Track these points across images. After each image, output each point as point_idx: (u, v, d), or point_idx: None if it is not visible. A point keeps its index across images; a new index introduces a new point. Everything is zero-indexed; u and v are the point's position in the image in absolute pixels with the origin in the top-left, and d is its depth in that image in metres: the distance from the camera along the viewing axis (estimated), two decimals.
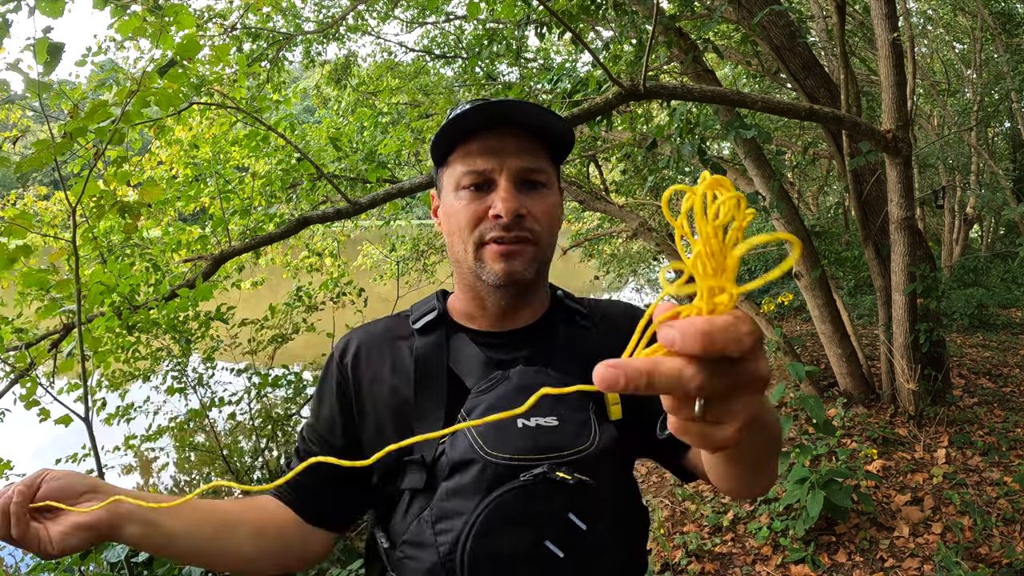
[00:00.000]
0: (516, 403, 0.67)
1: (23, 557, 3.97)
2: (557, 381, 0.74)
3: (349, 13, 7.43)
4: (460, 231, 0.81)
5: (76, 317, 1.97)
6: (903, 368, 3.65)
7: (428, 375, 0.81)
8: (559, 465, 0.71)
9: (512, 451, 0.72)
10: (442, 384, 0.80)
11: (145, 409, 4.97)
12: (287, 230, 3.25)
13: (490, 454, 0.71)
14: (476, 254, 0.80)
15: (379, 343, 0.87)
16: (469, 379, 0.80)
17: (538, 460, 0.71)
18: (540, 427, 0.73)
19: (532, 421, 0.73)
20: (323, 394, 0.87)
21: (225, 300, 4.40)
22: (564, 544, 0.71)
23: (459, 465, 0.72)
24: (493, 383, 0.77)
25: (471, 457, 0.72)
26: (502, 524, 0.70)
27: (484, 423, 0.67)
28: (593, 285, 13.12)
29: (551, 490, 0.71)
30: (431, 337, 0.84)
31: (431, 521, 0.72)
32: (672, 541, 3.12)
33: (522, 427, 0.73)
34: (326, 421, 0.86)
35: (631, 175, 7.86)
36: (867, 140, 3.14)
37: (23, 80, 1.91)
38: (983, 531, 2.78)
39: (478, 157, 0.80)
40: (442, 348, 0.83)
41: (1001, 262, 9.20)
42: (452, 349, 0.83)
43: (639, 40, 3.57)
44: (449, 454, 0.73)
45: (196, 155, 5.12)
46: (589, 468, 0.73)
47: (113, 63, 4.64)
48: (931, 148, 8.04)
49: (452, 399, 0.79)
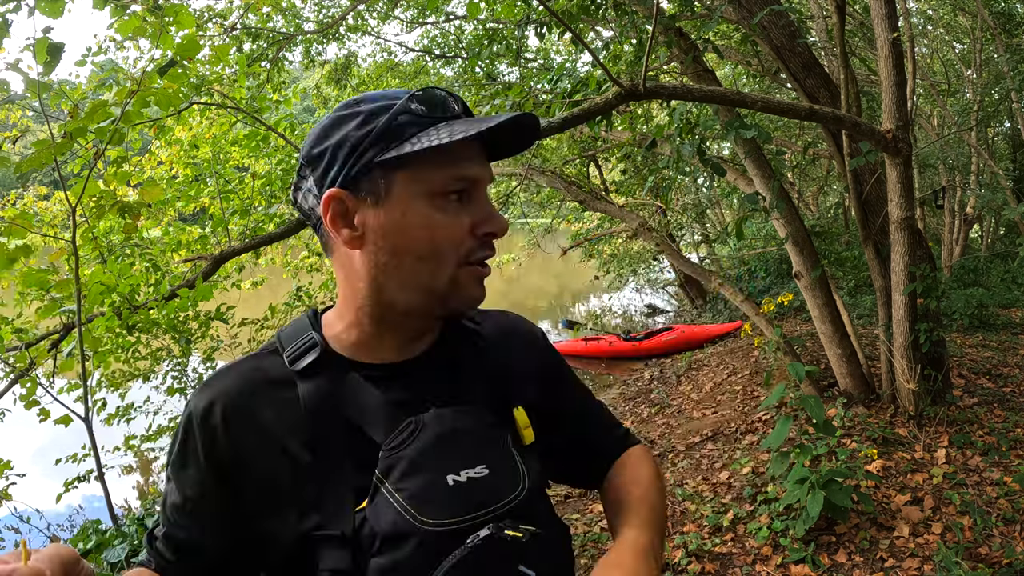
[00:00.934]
0: (443, 455, 0.66)
1: None
2: (475, 422, 0.70)
3: (349, 13, 7.43)
4: (436, 250, 0.67)
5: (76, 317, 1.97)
6: (903, 368, 3.65)
7: (324, 431, 0.67)
8: (500, 519, 0.65)
9: (450, 515, 0.63)
10: (342, 440, 0.67)
11: (145, 409, 4.98)
12: (287, 230, 3.25)
13: (426, 523, 0.62)
14: (453, 276, 0.68)
15: (251, 394, 0.69)
16: (374, 430, 0.67)
17: (478, 519, 0.64)
18: (472, 479, 0.66)
19: (463, 475, 0.65)
20: (186, 465, 0.69)
21: (225, 300, 4.40)
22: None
23: (390, 539, 0.62)
24: (407, 435, 0.66)
25: (404, 530, 0.62)
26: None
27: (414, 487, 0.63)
28: (593, 285, 13.13)
29: (500, 550, 0.64)
30: (317, 381, 0.69)
31: None
32: (672, 541, 3.13)
33: (454, 484, 0.65)
34: (195, 499, 0.69)
35: (631, 175, 7.87)
36: (867, 140, 3.14)
37: (23, 80, 1.92)
38: (983, 531, 2.78)
39: (472, 162, 0.68)
40: (337, 396, 0.68)
41: (1001, 262, 9.20)
42: (346, 394, 0.69)
43: (639, 40, 3.57)
44: (375, 526, 0.62)
45: (196, 155, 5.13)
46: (527, 512, 0.68)
47: (113, 63, 4.64)
48: (931, 148, 8.05)
49: (358, 458, 0.66)
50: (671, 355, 8.19)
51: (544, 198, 8.95)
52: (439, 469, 0.65)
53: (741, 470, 3.76)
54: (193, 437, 0.69)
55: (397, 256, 0.67)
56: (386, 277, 0.68)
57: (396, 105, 0.66)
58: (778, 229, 4.30)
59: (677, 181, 8.14)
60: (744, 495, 3.42)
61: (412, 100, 0.66)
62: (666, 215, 9.45)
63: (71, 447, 4.26)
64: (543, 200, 9.12)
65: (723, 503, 3.40)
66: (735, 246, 9.50)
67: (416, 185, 0.66)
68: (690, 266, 5.61)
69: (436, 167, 0.66)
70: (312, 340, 0.71)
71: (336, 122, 0.67)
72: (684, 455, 4.39)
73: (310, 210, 0.71)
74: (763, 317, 4.51)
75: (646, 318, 12.02)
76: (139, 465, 6.40)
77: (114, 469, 5.75)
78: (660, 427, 5.23)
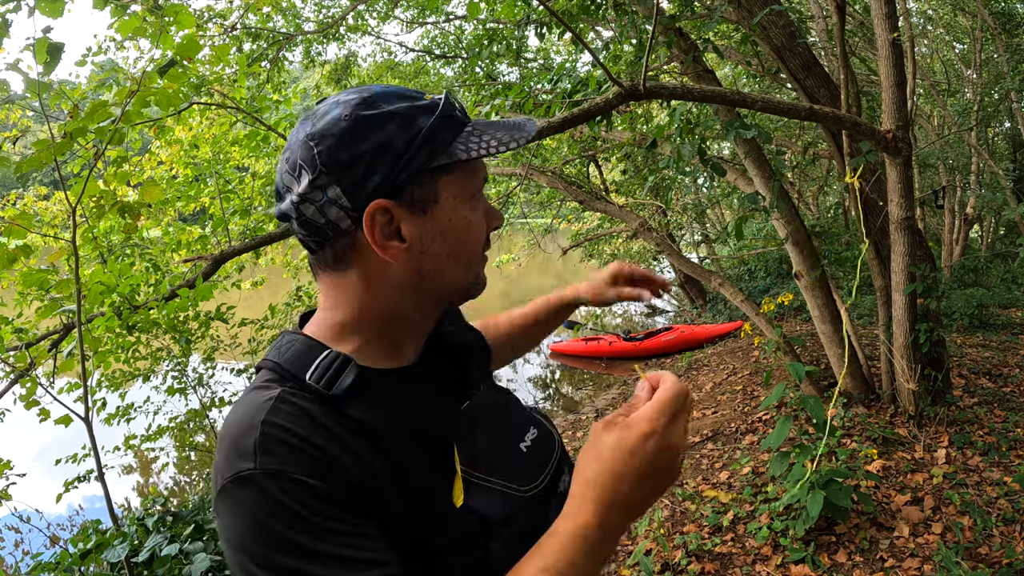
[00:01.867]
0: (504, 431, 0.72)
1: (23, 557, 3.97)
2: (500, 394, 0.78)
3: (349, 13, 7.43)
4: (473, 250, 0.69)
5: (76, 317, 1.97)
6: (903, 368, 3.65)
7: (396, 445, 0.62)
8: (561, 464, 0.74)
9: (535, 477, 0.70)
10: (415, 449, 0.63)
11: (145, 409, 4.98)
12: (287, 230, 3.24)
13: (524, 491, 0.68)
14: (479, 273, 0.72)
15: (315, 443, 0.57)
16: (436, 429, 0.66)
17: (552, 470, 0.72)
18: (534, 441, 0.73)
19: (527, 440, 0.72)
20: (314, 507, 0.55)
21: (225, 300, 4.40)
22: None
23: (502, 520, 0.64)
24: (467, 424, 0.69)
25: (512, 505, 0.65)
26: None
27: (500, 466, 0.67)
28: None
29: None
30: (367, 399, 0.62)
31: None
32: (672, 541, 3.12)
33: (526, 450, 0.71)
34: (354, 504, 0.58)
35: (631, 175, 7.87)
36: (867, 140, 3.14)
37: (23, 80, 1.92)
38: (983, 531, 2.78)
39: (481, 163, 0.71)
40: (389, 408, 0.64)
41: (1001, 262, 9.20)
42: (397, 404, 0.65)
43: (639, 40, 3.57)
44: (487, 513, 0.63)
45: (196, 155, 5.13)
46: (565, 453, 0.78)
47: (113, 63, 4.64)
48: (931, 148, 8.04)
49: (437, 462, 0.64)
50: (671, 355, 8.19)
51: (544, 198, 8.95)
52: (509, 443, 0.71)
53: (741, 470, 3.76)
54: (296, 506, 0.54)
55: (439, 261, 0.66)
56: (426, 283, 0.67)
57: (435, 106, 0.65)
58: (778, 229, 4.30)
59: (677, 181, 8.14)
60: (744, 495, 3.42)
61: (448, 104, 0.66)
62: (666, 215, 9.45)
63: (72, 447, 4.26)
64: (543, 200, 9.11)
65: (723, 503, 3.40)
66: (735, 246, 9.50)
67: (459, 190, 0.66)
68: (690, 266, 5.60)
69: (471, 172, 0.68)
70: (340, 358, 0.63)
71: (363, 124, 0.62)
72: (684, 455, 4.39)
73: (327, 224, 0.64)
74: (763, 317, 4.51)
75: (646, 318, 12.02)
76: (139, 465, 6.41)
77: (114, 469, 5.75)
78: None
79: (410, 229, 0.64)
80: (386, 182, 0.62)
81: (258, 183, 5.16)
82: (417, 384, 0.69)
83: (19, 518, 3.92)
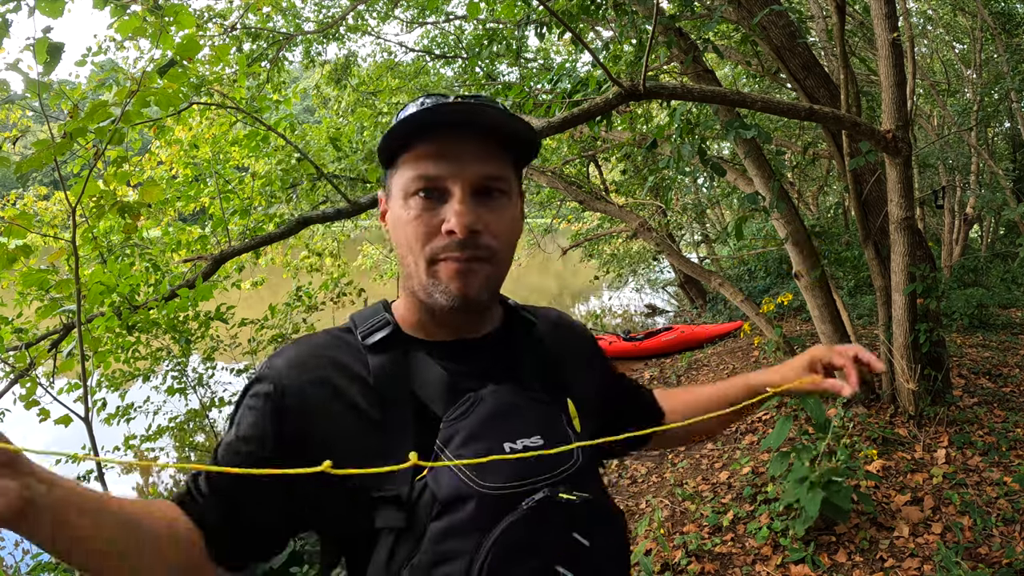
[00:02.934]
0: (500, 426, 0.71)
1: (23, 557, 3.97)
2: (529, 399, 0.75)
3: (349, 13, 7.43)
4: (410, 245, 0.73)
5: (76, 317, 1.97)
6: (903, 368, 3.65)
7: (390, 401, 0.72)
8: (555, 485, 0.69)
9: (506, 479, 0.66)
10: (405, 411, 0.71)
11: (145, 409, 4.98)
12: (287, 230, 3.25)
13: (484, 486, 0.65)
14: (429, 271, 0.72)
15: (327, 360, 0.74)
16: (436, 405, 0.72)
17: (535, 484, 0.68)
18: (528, 449, 0.69)
19: (519, 443, 0.69)
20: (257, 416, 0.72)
21: (225, 300, 4.40)
22: (572, 564, 0.68)
23: (450, 503, 0.65)
24: (466, 408, 0.71)
25: (464, 493, 0.65)
26: (512, 557, 0.65)
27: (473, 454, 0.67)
28: (593, 285, 13.13)
29: (554, 513, 0.67)
30: (388, 356, 0.74)
31: (426, 567, 0.64)
32: (672, 541, 3.12)
33: (511, 452, 0.68)
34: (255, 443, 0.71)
35: (631, 175, 7.87)
36: (867, 140, 3.14)
37: (23, 80, 1.92)
38: (983, 531, 2.78)
39: (431, 161, 0.71)
40: (403, 370, 0.74)
41: (1001, 262, 9.20)
42: (411, 369, 0.74)
43: (639, 40, 3.57)
44: (436, 491, 0.66)
45: (196, 155, 5.13)
46: (579, 482, 0.71)
47: (113, 63, 4.64)
48: (931, 148, 8.04)
49: (420, 428, 0.70)
50: (671, 355, 8.18)
51: (544, 198, 8.94)
52: (496, 438, 0.69)
53: (741, 470, 3.76)
54: (266, 392, 0.72)
55: (396, 245, 0.77)
56: (400, 262, 0.77)
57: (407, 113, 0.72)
58: (778, 229, 4.30)
59: (677, 181, 8.14)
60: (744, 495, 3.42)
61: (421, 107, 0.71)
62: (666, 215, 9.45)
63: (72, 447, 4.25)
64: (543, 200, 9.11)
65: (723, 503, 3.40)
66: (735, 246, 9.50)
67: (396, 186, 0.75)
68: (690, 266, 5.60)
69: (409, 168, 0.73)
70: (384, 320, 0.77)
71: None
72: (684, 455, 4.39)
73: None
74: (763, 317, 4.51)
75: (646, 318, 12.03)
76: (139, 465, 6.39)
77: (114, 469, 5.75)
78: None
79: (385, 207, 0.80)
80: (384, 175, 0.79)
81: (258, 183, 5.16)
82: (446, 361, 0.76)
83: None
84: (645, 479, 4.19)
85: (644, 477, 4.23)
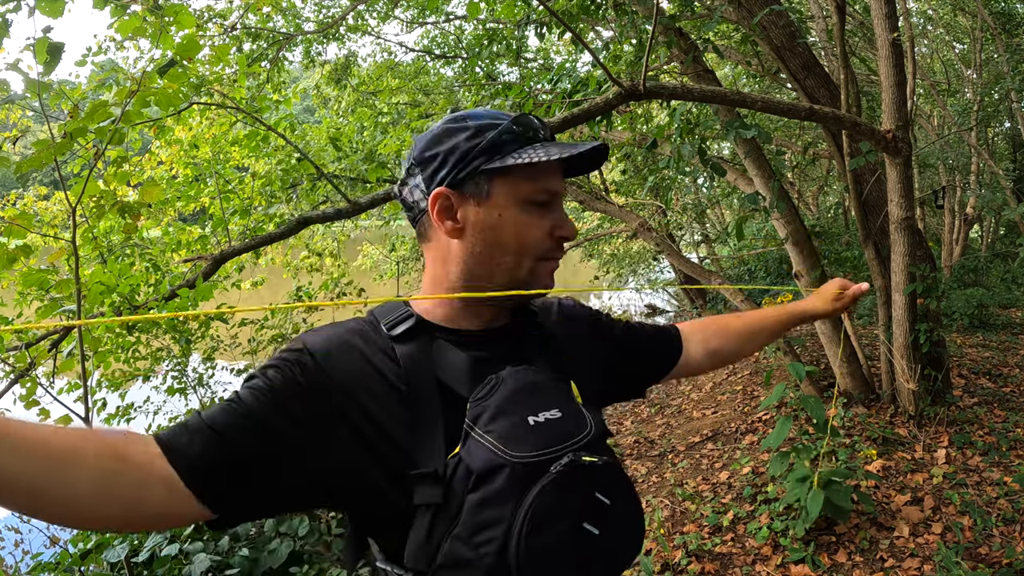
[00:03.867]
0: (522, 402, 0.77)
1: (23, 557, 3.97)
2: (545, 377, 0.82)
3: (349, 13, 7.43)
4: (522, 246, 0.82)
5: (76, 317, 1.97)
6: (903, 368, 3.65)
7: (418, 386, 0.78)
8: (577, 451, 0.75)
9: (533, 448, 0.73)
10: (434, 395, 0.77)
11: (145, 409, 4.97)
12: (287, 230, 3.25)
13: (516, 456, 0.71)
14: (532, 268, 0.83)
15: (360, 342, 0.79)
16: (460, 386, 0.78)
17: (559, 451, 0.74)
18: (549, 420, 0.76)
19: (541, 416, 0.76)
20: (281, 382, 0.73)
21: (225, 300, 4.40)
22: (598, 522, 0.75)
23: (484, 474, 0.71)
24: (490, 388, 0.77)
25: (497, 463, 0.71)
26: (546, 519, 0.71)
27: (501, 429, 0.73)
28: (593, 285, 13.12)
29: (580, 475, 0.74)
30: (413, 345, 0.80)
31: (466, 537, 0.69)
32: (672, 541, 3.13)
33: (534, 424, 0.75)
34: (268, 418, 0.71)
35: (631, 175, 7.86)
36: (867, 140, 3.14)
37: (23, 80, 1.92)
38: (983, 531, 2.78)
39: (553, 178, 0.84)
40: (428, 356, 0.80)
41: (1001, 262, 9.19)
42: (436, 356, 0.81)
43: (639, 40, 3.57)
44: (470, 465, 0.71)
45: (196, 155, 5.12)
46: (597, 448, 0.79)
47: (113, 63, 4.64)
48: (931, 148, 8.04)
49: (448, 409, 0.76)
50: None
51: None
52: (521, 412, 0.75)
53: (741, 470, 3.76)
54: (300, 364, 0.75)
55: (490, 248, 0.82)
56: (477, 264, 0.82)
57: (502, 124, 0.80)
58: (778, 229, 4.30)
59: (677, 181, 8.13)
60: (744, 495, 3.42)
61: (515, 123, 0.81)
62: (666, 215, 9.45)
63: None
64: None
65: (723, 503, 3.40)
66: (735, 246, 9.50)
67: (512, 192, 0.81)
68: (690, 266, 5.60)
69: (528, 179, 0.81)
70: (408, 312, 0.84)
71: (447, 132, 0.81)
72: (684, 455, 4.39)
73: (414, 203, 0.85)
74: None
75: (646, 318, 12.02)
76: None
77: None
78: (660, 427, 5.23)
79: (464, 214, 0.81)
80: (450, 175, 0.81)
81: (258, 183, 5.16)
82: (468, 348, 0.82)
83: (19, 518, 3.91)
84: (645, 479, 4.19)
85: (644, 477, 4.23)
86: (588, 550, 0.74)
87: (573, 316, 1.02)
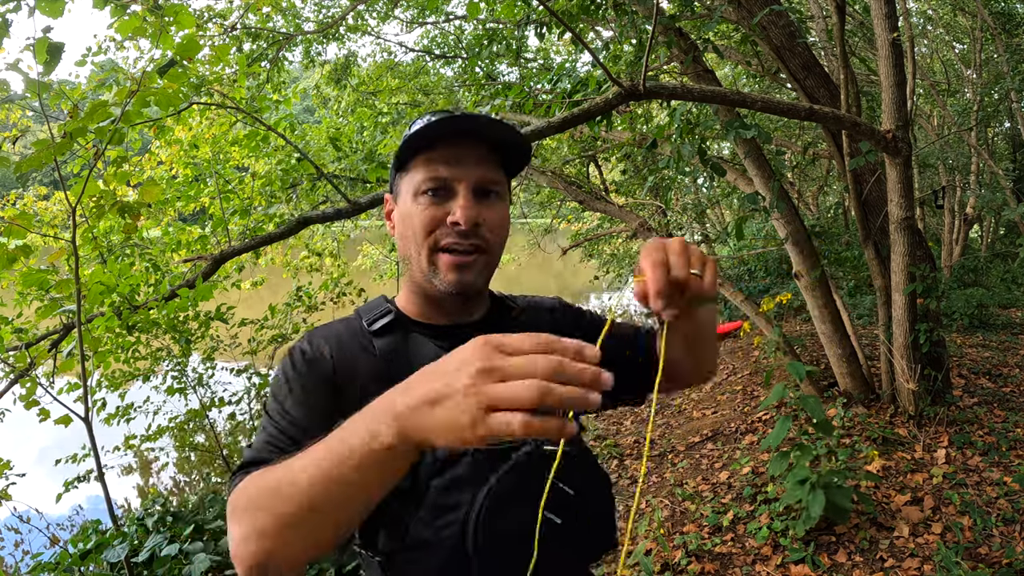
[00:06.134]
0: None
1: (23, 557, 3.97)
2: None
3: (349, 13, 7.43)
4: (415, 235, 0.84)
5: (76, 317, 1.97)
6: (903, 368, 3.65)
7: (395, 376, 0.78)
8: (541, 441, 0.76)
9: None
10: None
11: (145, 409, 4.97)
12: (287, 230, 3.25)
13: None
14: (429, 259, 0.84)
15: (347, 343, 0.87)
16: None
17: (522, 440, 0.74)
18: None
19: None
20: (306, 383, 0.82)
21: (225, 300, 4.40)
22: (559, 511, 0.76)
23: (448, 460, 0.74)
24: None
25: (460, 449, 0.73)
26: (505, 505, 0.73)
27: None
28: (593, 285, 13.12)
29: (541, 464, 0.75)
30: (390, 338, 0.87)
31: (429, 520, 0.73)
32: (672, 541, 3.12)
33: None
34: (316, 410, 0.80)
35: (631, 175, 7.87)
36: (867, 140, 3.14)
37: (23, 80, 1.92)
38: (983, 531, 2.78)
39: (441, 165, 0.83)
40: (404, 348, 0.86)
41: (1001, 262, 9.19)
42: (411, 349, 0.86)
43: (639, 40, 3.57)
44: (435, 451, 0.73)
45: (196, 155, 5.12)
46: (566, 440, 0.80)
47: (113, 63, 4.64)
48: (931, 148, 8.04)
49: None
50: None
51: (544, 198, 8.94)
52: None
53: (741, 470, 3.76)
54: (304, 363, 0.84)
55: (401, 241, 0.88)
56: (401, 258, 0.89)
57: (411, 127, 0.83)
58: (778, 229, 4.30)
59: (677, 181, 8.13)
60: (744, 495, 3.42)
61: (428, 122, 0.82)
62: (666, 215, 9.45)
63: (72, 447, 4.26)
64: (543, 200, 9.11)
65: (723, 503, 3.40)
66: (735, 246, 9.50)
67: (409, 184, 0.86)
68: None
69: (420, 171, 0.84)
70: (387, 308, 0.91)
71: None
72: (684, 455, 4.39)
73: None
74: (763, 317, 4.51)
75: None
76: (139, 465, 6.40)
77: (114, 469, 5.75)
78: (660, 427, 5.23)
79: (391, 207, 0.92)
80: (391, 179, 0.91)
81: (258, 183, 5.16)
82: (438, 339, 0.87)
83: (19, 518, 3.91)
84: (644, 479, 4.19)
85: (644, 477, 4.23)
86: (550, 538, 0.75)
87: (545, 309, 1.04)
